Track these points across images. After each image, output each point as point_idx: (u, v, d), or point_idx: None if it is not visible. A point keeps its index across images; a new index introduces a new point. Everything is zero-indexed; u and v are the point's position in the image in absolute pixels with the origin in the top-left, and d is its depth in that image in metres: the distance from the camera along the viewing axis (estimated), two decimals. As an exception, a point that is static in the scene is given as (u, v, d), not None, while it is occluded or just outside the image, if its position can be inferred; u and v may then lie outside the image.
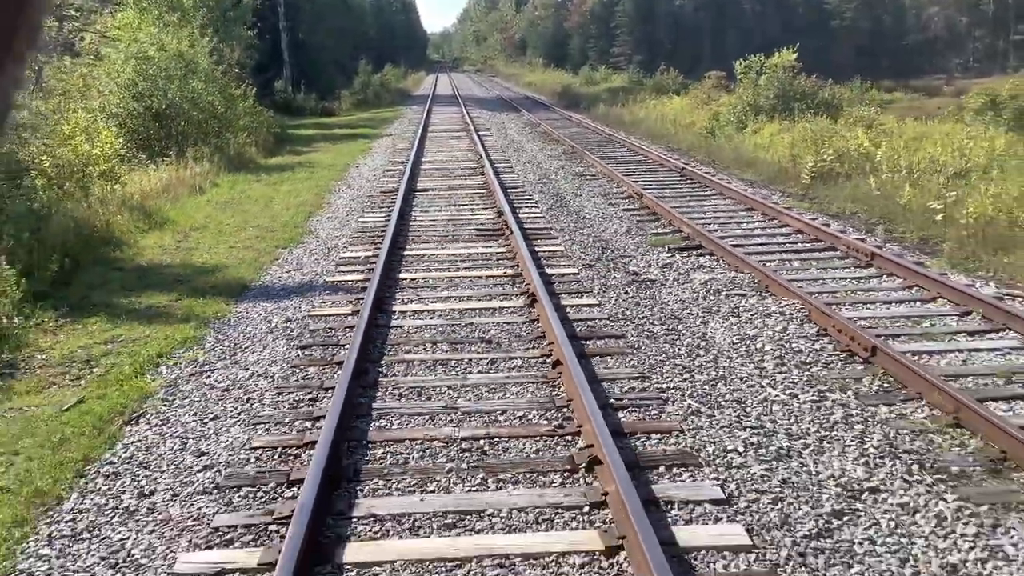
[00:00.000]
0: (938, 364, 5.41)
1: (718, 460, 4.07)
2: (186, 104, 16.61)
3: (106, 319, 6.93)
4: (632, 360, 5.42)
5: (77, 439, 4.60)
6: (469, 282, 7.41)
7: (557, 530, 3.49)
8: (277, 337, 6.15)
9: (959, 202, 9.39)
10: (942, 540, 3.41)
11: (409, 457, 4.16)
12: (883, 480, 3.89)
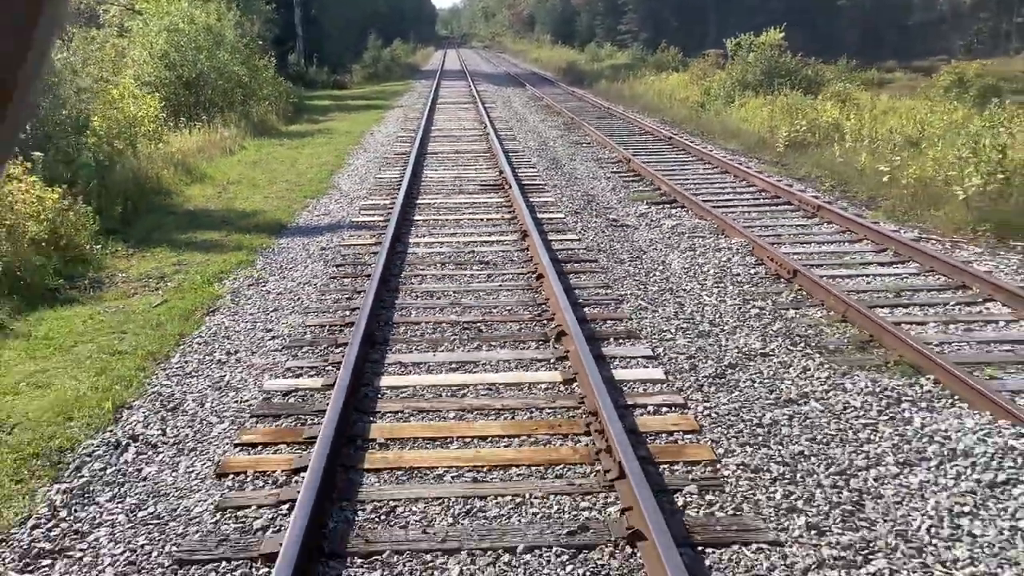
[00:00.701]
0: (844, 283, 6.79)
1: (653, 336, 5.48)
2: (214, 73, 17.95)
3: (169, 249, 8.36)
4: (600, 276, 6.83)
5: (170, 323, 6.03)
6: (472, 222, 8.82)
7: (531, 371, 4.91)
8: (315, 260, 7.58)
9: (903, 166, 10.70)
10: (802, 380, 4.82)
11: (424, 332, 5.59)
12: (773, 350, 5.30)
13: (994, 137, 9.36)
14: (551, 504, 3.51)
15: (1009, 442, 4.01)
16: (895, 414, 4.38)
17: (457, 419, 4.30)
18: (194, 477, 3.80)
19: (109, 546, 3.30)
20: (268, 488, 3.65)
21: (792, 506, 3.50)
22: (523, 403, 4.44)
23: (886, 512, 3.49)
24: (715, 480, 3.69)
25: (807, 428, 4.23)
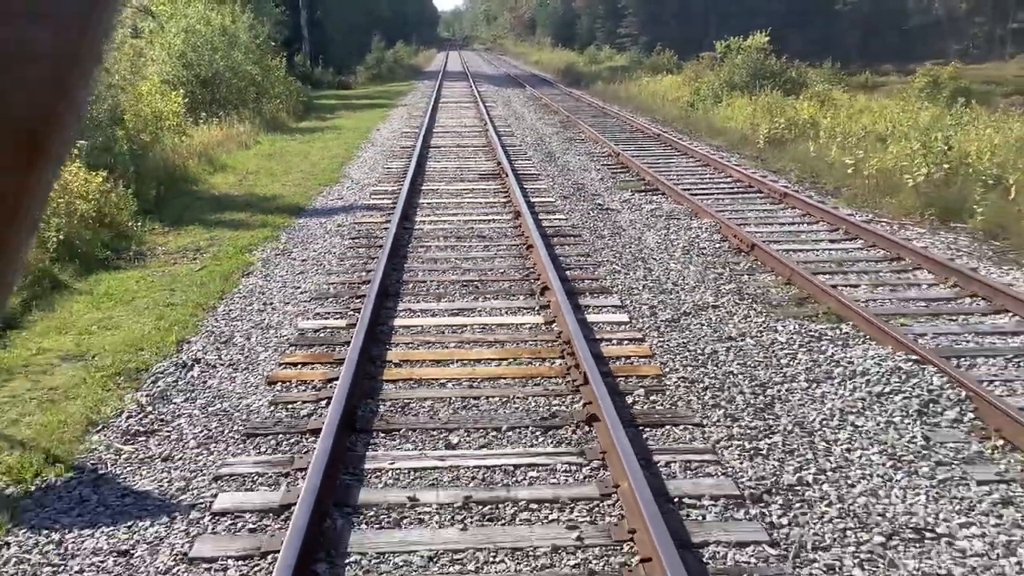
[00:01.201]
0: (795, 256, 7.79)
1: (623, 292, 6.49)
2: (228, 72, 18.98)
3: (201, 227, 9.37)
4: (582, 248, 7.85)
5: (212, 283, 7.05)
6: (471, 204, 9.85)
7: (519, 316, 5.93)
8: (333, 235, 8.59)
9: (866, 158, 11.71)
10: (742, 324, 5.83)
11: (429, 288, 6.61)
12: (723, 303, 6.31)
13: (942, 132, 10.37)
14: (529, 401, 4.52)
15: (898, 365, 5.02)
16: (813, 347, 5.39)
17: (456, 347, 5.32)
18: (249, 385, 4.81)
19: (189, 428, 4.32)
20: (309, 391, 4.67)
21: (716, 404, 4.52)
22: (511, 337, 5.46)
23: (790, 410, 4.50)
24: (659, 387, 4.70)
25: (739, 356, 5.24)
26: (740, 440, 4.12)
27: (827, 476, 3.80)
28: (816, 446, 4.11)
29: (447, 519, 3.42)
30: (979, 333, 5.76)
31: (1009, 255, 7.97)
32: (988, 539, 3.34)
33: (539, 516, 3.44)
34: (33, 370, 5.23)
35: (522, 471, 3.79)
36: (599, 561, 3.16)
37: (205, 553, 3.19)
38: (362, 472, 3.79)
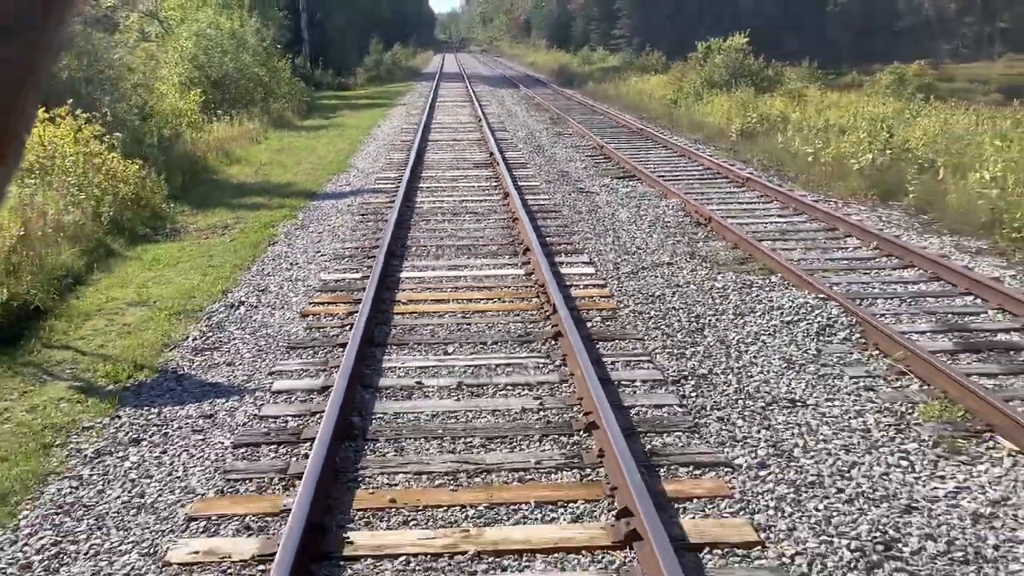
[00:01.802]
0: (746, 227, 9.00)
1: (592, 253, 7.71)
2: (237, 74, 20.19)
3: (225, 209, 10.57)
4: (561, 221, 9.07)
5: (243, 250, 8.25)
6: (466, 188, 11.07)
7: (504, 270, 7.14)
8: (344, 213, 9.80)
9: (824, 147, 12.93)
10: (689, 276, 7.04)
11: (430, 250, 7.83)
12: (676, 262, 7.53)
13: (886, 123, 11.60)
14: (509, 326, 5.74)
15: (809, 302, 6.23)
16: (744, 292, 6.61)
17: (452, 291, 6.54)
18: (287, 318, 6.03)
19: (243, 346, 5.53)
20: (335, 320, 5.88)
21: (657, 327, 5.73)
22: (497, 284, 6.68)
23: (715, 332, 5.72)
24: (613, 316, 5.92)
25: (682, 297, 6.46)
26: (671, 349, 5.34)
27: (732, 370, 5.01)
28: (729, 353, 5.32)
29: (445, 395, 4.64)
30: (884, 282, 6.99)
31: (932, 226, 9.20)
32: (844, 407, 4.55)
33: (513, 392, 4.65)
34: (107, 312, 6.43)
35: (501, 368, 5.01)
36: (555, 417, 4.37)
37: (271, 413, 4.40)
38: (380, 368, 5.00)
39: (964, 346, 5.54)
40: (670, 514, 3.41)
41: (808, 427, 4.30)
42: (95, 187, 8.97)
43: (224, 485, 3.73)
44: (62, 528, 3.47)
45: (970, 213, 8.91)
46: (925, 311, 6.17)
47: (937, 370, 4.87)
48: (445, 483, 3.72)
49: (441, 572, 3.10)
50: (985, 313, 6.12)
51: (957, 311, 6.18)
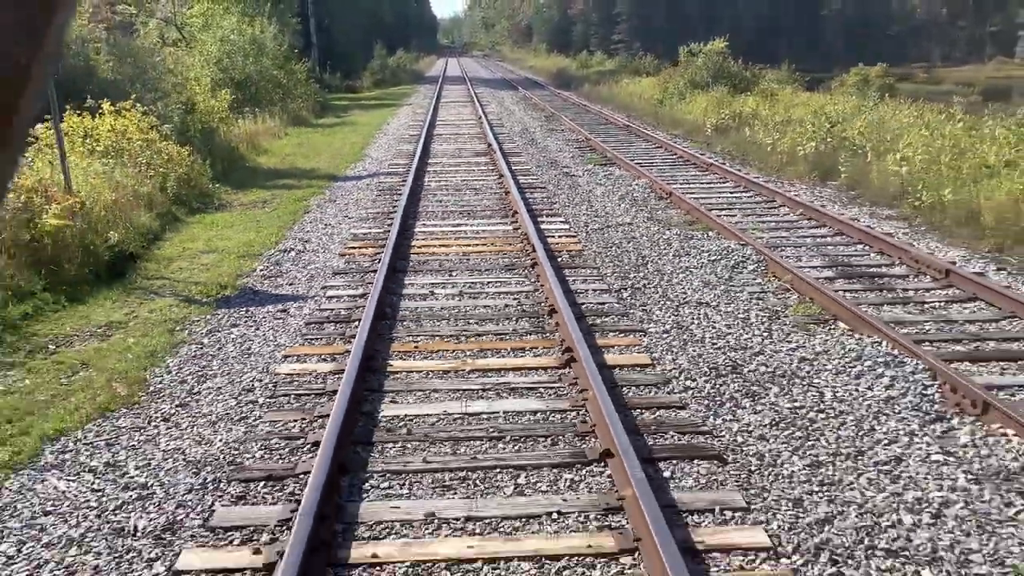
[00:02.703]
0: (701, 201, 10.82)
1: (568, 216, 9.55)
2: (257, 76, 22.06)
3: (262, 189, 12.42)
4: (546, 194, 10.92)
5: (284, 216, 10.10)
6: (466, 171, 12.93)
7: (496, 226, 8.99)
8: (364, 190, 11.66)
9: (780, 139, 14.76)
10: (644, 232, 8.88)
11: (437, 214, 9.69)
12: (636, 223, 9.36)
13: (827, 117, 13.42)
14: (499, 260, 7.58)
15: (733, 248, 8.05)
16: (685, 242, 8.44)
17: (455, 240, 8.39)
18: (329, 257, 7.87)
19: (298, 274, 7.37)
20: (366, 258, 7.73)
21: (611, 262, 7.57)
22: (490, 234, 8.54)
23: (655, 266, 7.54)
24: (579, 254, 7.77)
25: (634, 244, 8.30)
26: (618, 273, 7.18)
27: (660, 286, 6.85)
28: (662, 277, 7.15)
29: (450, 298, 6.49)
30: (797, 236, 8.81)
31: (856, 199, 11.03)
32: (736, 307, 6.37)
33: (499, 295, 6.50)
34: (186, 257, 8.28)
35: (491, 283, 6.86)
36: (528, 308, 6.21)
37: (328, 307, 6.27)
38: (403, 283, 6.86)
39: (841, 275, 7.37)
40: (598, 353, 5.23)
41: (705, 316, 6.13)
42: (158, 167, 10.82)
43: (304, 341, 5.58)
44: (199, 364, 5.32)
45: (885, 188, 10.74)
46: (821, 254, 8.00)
47: (811, 286, 6.69)
48: (450, 340, 5.57)
49: (448, 378, 4.94)
50: (867, 256, 7.95)
51: (845, 255, 8.01)
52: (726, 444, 4.11)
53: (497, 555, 3.18)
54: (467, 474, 3.82)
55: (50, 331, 6.10)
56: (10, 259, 6.86)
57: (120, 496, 3.70)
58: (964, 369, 5.05)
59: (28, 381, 5.14)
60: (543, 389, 4.76)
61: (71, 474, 3.95)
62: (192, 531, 3.40)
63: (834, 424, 4.36)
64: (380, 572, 3.12)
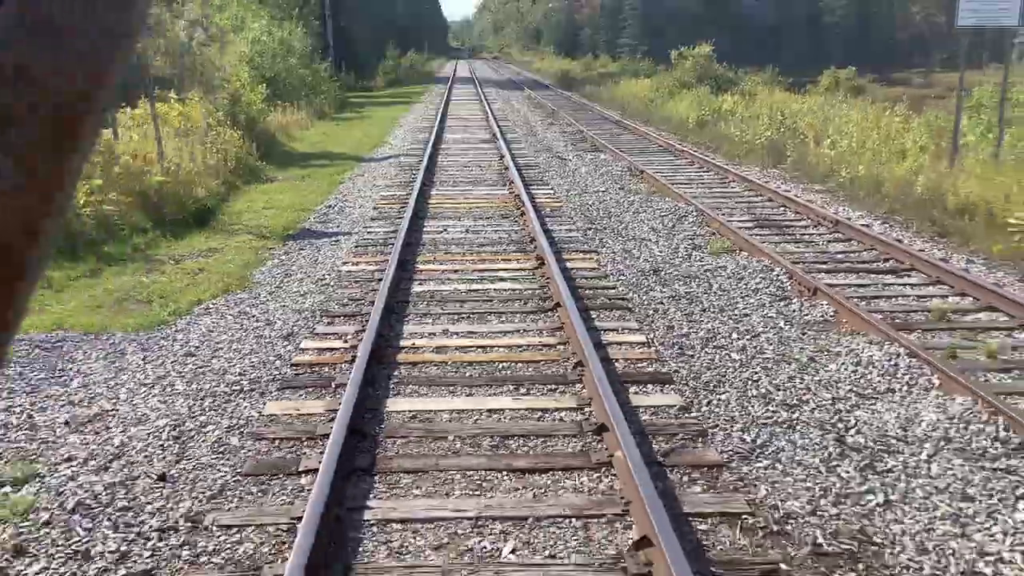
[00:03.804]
0: (667, 178, 13.06)
1: (555, 185, 11.84)
2: (285, 73, 24.40)
3: (299, 168, 14.73)
4: (538, 171, 13.20)
5: (324, 186, 12.40)
6: (474, 154, 15.23)
7: (496, 191, 11.28)
8: (387, 167, 13.96)
9: (746, 131, 16.98)
10: (615, 198, 11.15)
11: (448, 183, 11.99)
12: (609, 192, 11.62)
13: (781, 112, 15.65)
14: (498, 210, 9.87)
15: (680, 207, 10.31)
16: (645, 203, 10.69)
17: (463, 199, 10.69)
18: (365, 210, 10.17)
19: (343, 220, 9.67)
20: (394, 209, 10.02)
21: (582, 213, 9.85)
22: (491, 197, 10.84)
23: (616, 217, 9.81)
24: (559, 210, 10.05)
25: (603, 205, 10.56)
26: (586, 221, 9.45)
27: (617, 229, 9.11)
28: (620, 224, 9.41)
29: (459, 232, 8.78)
30: (735, 201, 11.06)
31: (796, 177, 13.26)
32: (671, 242, 8.61)
33: (495, 231, 8.79)
34: (251, 211, 10.58)
35: (489, 225, 9.15)
36: (516, 238, 8.48)
37: (368, 238, 8.56)
38: (423, 226, 9.15)
39: (758, 225, 9.61)
40: (561, 262, 7.49)
41: (645, 247, 8.39)
42: (219, 146, 13.14)
43: (355, 255, 7.88)
44: (283, 269, 7.61)
45: (819, 167, 12.99)
46: (749, 213, 10.25)
47: (731, 231, 8.93)
48: (458, 255, 7.88)
49: (457, 272, 7.22)
50: (784, 214, 10.19)
51: (768, 213, 10.26)
52: (635, 304, 6.39)
53: (483, 345, 5.46)
54: (470, 315, 6.11)
55: (167, 253, 8.40)
56: (128, 205, 9.17)
57: (254, 324, 5.99)
58: (816, 276, 7.30)
59: (166, 278, 7.44)
60: (520, 278, 7.05)
61: (216, 316, 6.25)
62: (305, 336, 5.70)
63: (711, 298, 6.62)
64: (418, 353, 5.40)
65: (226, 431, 4.28)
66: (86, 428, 4.36)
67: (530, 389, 4.81)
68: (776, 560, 3.17)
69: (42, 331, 5.93)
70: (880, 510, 3.56)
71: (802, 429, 4.32)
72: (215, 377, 5.04)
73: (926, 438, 4.23)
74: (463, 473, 3.84)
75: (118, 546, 3.26)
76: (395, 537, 3.33)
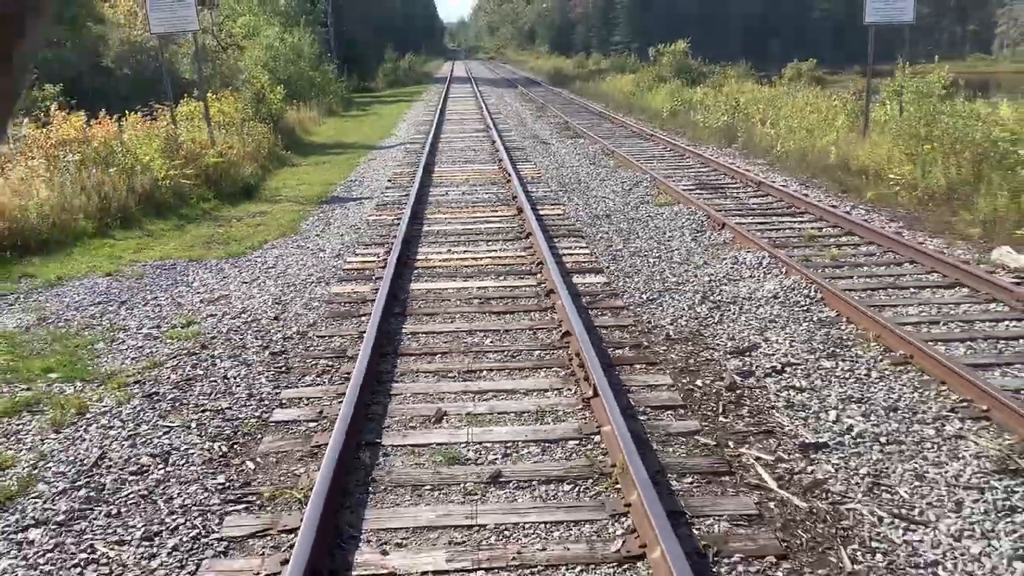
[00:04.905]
0: (633, 155, 15.37)
1: (536, 163, 14.18)
2: (296, 75, 26.72)
3: (319, 155, 17.07)
4: (524, 153, 15.55)
5: (343, 168, 14.74)
6: (469, 141, 17.58)
7: (487, 167, 13.62)
8: (396, 152, 16.30)
9: (707, 117, 19.29)
10: (587, 171, 13.48)
11: (448, 162, 14.33)
12: (583, 166, 13.95)
13: (736, 99, 17.98)
14: (488, 180, 12.21)
15: (639, 176, 12.64)
16: (612, 173, 13.01)
17: (460, 172, 13.05)
18: (381, 182, 12.52)
19: (363, 190, 12.02)
20: (404, 180, 12.37)
21: (558, 181, 12.19)
22: (484, 172, 13.18)
23: (586, 184, 12.14)
24: (539, 178, 12.39)
25: (576, 175, 12.89)
26: (560, 186, 11.78)
27: (583, 191, 11.44)
28: (587, 189, 11.73)
29: (458, 194, 11.12)
30: (685, 171, 13.38)
31: (743, 154, 15.57)
32: (626, 200, 10.94)
33: (486, 193, 11.13)
34: (287, 187, 12.91)
35: (483, 190, 11.49)
36: (502, 198, 10.82)
37: (386, 199, 10.91)
38: (429, 191, 11.49)
39: (698, 187, 11.93)
40: (535, 211, 9.81)
41: (604, 202, 10.72)
42: (253, 136, 15.48)
43: (377, 211, 10.22)
44: (323, 222, 9.95)
45: (761, 145, 15.32)
46: (694, 179, 12.58)
47: (675, 191, 11.25)
48: (457, 208, 10.21)
49: (456, 219, 9.57)
50: (722, 180, 12.52)
51: (709, 179, 12.59)
52: (587, 234, 8.72)
53: (475, 257, 7.81)
54: (466, 242, 8.47)
55: (228, 215, 10.74)
56: (195, 179, 11.50)
57: (311, 250, 8.34)
58: (729, 217, 9.62)
59: (234, 229, 9.78)
60: (503, 220, 9.42)
61: (282, 249, 8.58)
62: (348, 256, 8.04)
63: (646, 231, 8.95)
64: (430, 262, 7.74)
65: (309, 299, 6.63)
66: (216, 303, 6.70)
67: (506, 277, 7.15)
68: (643, 344, 5.50)
69: (156, 260, 8.27)
70: (714, 324, 5.90)
71: (681, 293, 6.66)
72: (293, 278, 7.38)
73: (762, 297, 6.56)
74: (461, 314, 6.19)
75: (261, 346, 5.60)
76: (420, 340, 5.67)
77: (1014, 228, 8.30)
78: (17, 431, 4.43)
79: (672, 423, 4.33)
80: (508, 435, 4.21)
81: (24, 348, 5.76)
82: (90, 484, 3.79)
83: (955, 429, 4.24)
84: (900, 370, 5.03)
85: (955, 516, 3.44)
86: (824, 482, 3.73)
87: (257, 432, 4.32)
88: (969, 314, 6.08)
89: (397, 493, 3.69)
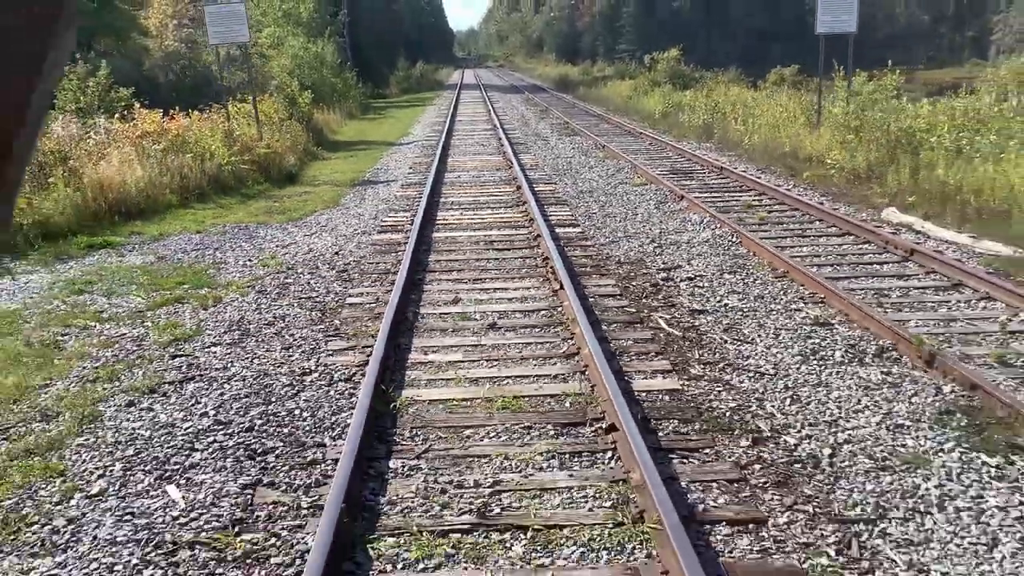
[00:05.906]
0: (621, 148, 17.61)
1: (535, 155, 16.45)
2: (319, 82, 29.10)
3: (346, 151, 19.40)
4: (526, 147, 17.82)
5: (369, 160, 17.06)
6: (479, 138, 19.90)
7: (493, 158, 15.91)
8: (413, 148, 18.61)
9: (691, 117, 21.51)
10: (579, 160, 15.75)
11: (459, 153, 16.62)
12: (575, 157, 16.21)
13: (718, 100, 20.22)
14: (493, 166, 14.49)
15: (621, 164, 14.88)
16: (597, 163, 15.27)
17: (470, 162, 15.33)
18: (403, 170, 14.82)
19: (388, 175, 14.31)
20: (423, 167, 14.66)
21: (551, 168, 14.45)
22: (490, 161, 15.48)
23: (575, 169, 14.39)
24: (537, 166, 14.66)
25: (569, 164, 15.15)
26: (552, 170, 14.05)
27: (573, 176, 13.70)
28: (577, 173, 13.98)
29: (469, 177, 13.40)
30: (662, 160, 15.62)
31: (718, 148, 17.80)
32: (609, 182, 13.19)
33: (491, 177, 13.41)
34: (323, 174, 15.22)
35: (489, 174, 13.76)
36: (504, 179, 13.09)
37: (410, 181, 13.20)
38: (444, 176, 13.78)
39: (671, 172, 14.15)
40: (532, 189, 12.05)
41: (589, 182, 12.97)
42: (291, 133, 17.81)
43: (402, 189, 12.51)
44: (359, 197, 12.23)
45: (733, 139, 17.55)
46: (669, 167, 14.81)
47: (650, 175, 13.48)
48: (467, 186, 12.49)
49: (467, 194, 11.84)
50: (693, 167, 14.75)
51: (682, 166, 14.82)
52: (571, 203, 10.98)
53: (482, 217, 10.08)
54: (475, 209, 10.74)
55: (279, 194, 13.05)
56: (250, 166, 13.81)
57: (353, 215, 10.63)
58: (688, 192, 11.84)
59: (287, 204, 12.07)
60: (505, 194, 11.70)
61: (329, 215, 10.86)
62: (384, 218, 10.33)
63: (619, 201, 11.19)
64: (447, 221, 10.01)
65: (358, 243, 8.92)
66: (288, 248, 8.98)
67: (504, 229, 9.42)
68: (600, 264, 7.75)
69: (232, 223, 10.57)
70: (654, 255, 8.14)
71: (636, 238, 8.90)
72: (343, 231, 9.67)
73: (696, 241, 8.78)
74: (471, 249, 8.48)
75: (329, 267, 7.89)
76: (442, 263, 7.96)
77: (908, 196, 10.51)
78: (176, 312, 6.71)
79: (610, 302, 6.58)
80: (502, 308, 6.47)
81: (156, 274, 8.05)
82: (240, 329, 6.07)
83: (798, 306, 6.46)
84: (777, 279, 7.25)
85: (773, 340, 5.66)
86: (697, 327, 5.96)
87: (338, 308, 6.59)
88: (844, 250, 8.30)
89: (431, 332, 5.95)
